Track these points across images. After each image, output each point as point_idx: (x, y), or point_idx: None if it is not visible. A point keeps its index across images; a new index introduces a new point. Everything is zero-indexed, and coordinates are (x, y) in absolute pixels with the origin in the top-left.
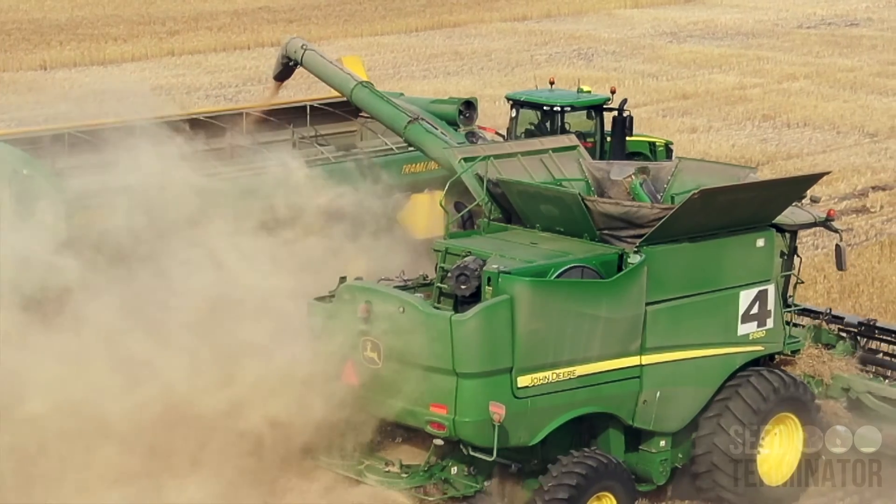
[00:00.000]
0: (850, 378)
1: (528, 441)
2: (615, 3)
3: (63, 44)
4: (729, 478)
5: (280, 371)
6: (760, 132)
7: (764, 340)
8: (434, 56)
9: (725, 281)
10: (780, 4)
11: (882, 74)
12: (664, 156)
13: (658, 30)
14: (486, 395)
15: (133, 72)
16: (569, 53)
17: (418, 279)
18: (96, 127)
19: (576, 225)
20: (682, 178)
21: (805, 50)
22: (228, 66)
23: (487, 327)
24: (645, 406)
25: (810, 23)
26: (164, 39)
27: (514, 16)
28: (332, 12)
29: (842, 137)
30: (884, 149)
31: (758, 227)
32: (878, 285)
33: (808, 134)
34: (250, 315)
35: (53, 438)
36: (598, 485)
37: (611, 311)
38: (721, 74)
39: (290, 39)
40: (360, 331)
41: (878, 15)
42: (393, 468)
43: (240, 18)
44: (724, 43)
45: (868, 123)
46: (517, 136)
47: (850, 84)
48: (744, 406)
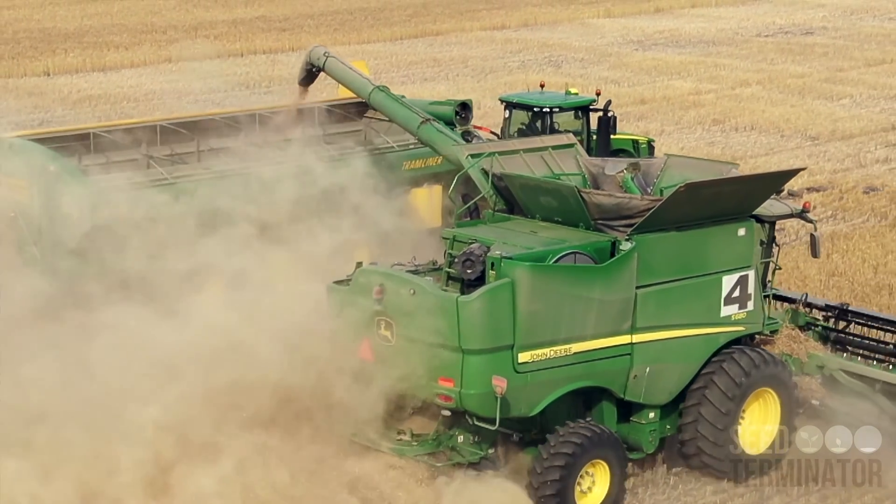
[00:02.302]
0: (824, 356)
1: (527, 412)
2: (589, 13)
3: (67, 51)
4: (713, 447)
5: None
6: (709, 136)
7: (745, 321)
8: (414, 63)
9: (709, 267)
10: (743, 14)
11: (830, 80)
12: (647, 152)
13: (626, 38)
14: (490, 369)
15: (130, 77)
16: (540, 60)
17: (428, 264)
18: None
19: (572, 215)
20: (670, 172)
21: (760, 57)
22: (221, 72)
23: (491, 308)
24: (635, 381)
25: (769, 31)
26: (163, 47)
27: (493, 25)
28: (323, 21)
29: (785, 140)
30: (823, 151)
31: (739, 218)
32: (801, 285)
33: (753, 137)
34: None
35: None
36: (592, 453)
37: (604, 294)
38: (679, 81)
39: (314, 48)
40: (375, 311)
41: (833, 24)
42: (405, 437)
43: (237, 27)
44: (686, 51)
45: (811, 127)
46: (510, 135)
47: (799, 89)
48: (726, 381)
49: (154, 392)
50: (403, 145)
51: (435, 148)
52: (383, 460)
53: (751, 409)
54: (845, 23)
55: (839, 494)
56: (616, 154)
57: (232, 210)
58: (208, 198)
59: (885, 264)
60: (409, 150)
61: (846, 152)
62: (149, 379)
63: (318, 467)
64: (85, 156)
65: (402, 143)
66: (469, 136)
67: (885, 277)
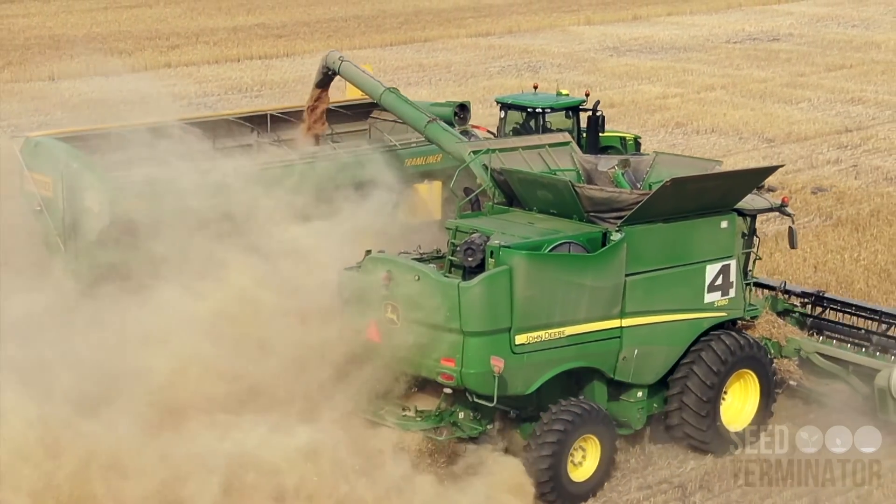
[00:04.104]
0: (801, 340)
1: (524, 390)
2: (570, 21)
3: (73, 57)
4: (697, 423)
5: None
6: (671, 138)
7: (727, 307)
8: (400, 68)
9: (694, 256)
10: (715, 21)
11: (790, 85)
12: (634, 148)
13: (602, 45)
14: (488, 350)
15: (130, 82)
16: (519, 66)
17: (432, 252)
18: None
19: (567, 208)
20: (658, 169)
21: (727, 63)
22: (217, 76)
23: (489, 293)
24: (624, 362)
25: (738, 38)
26: (165, 53)
27: (479, 32)
28: (318, 28)
29: (742, 143)
30: (777, 153)
31: (722, 211)
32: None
33: (713, 139)
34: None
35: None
36: (583, 429)
37: (595, 281)
38: (648, 85)
39: (329, 53)
40: (383, 295)
41: (800, 31)
42: (409, 413)
43: (236, 34)
44: (658, 57)
45: (768, 130)
46: (506, 134)
47: (760, 94)
48: (709, 363)
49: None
50: (405, 144)
51: (440, 145)
52: (388, 434)
53: (732, 389)
54: (811, 30)
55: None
56: (605, 150)
57: (258, 203)
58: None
59: (824, 263)
60: (410, 147)
61: (799, 154)
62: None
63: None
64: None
65: (405, 141)
66: (467, 135)
67: (824, 276)
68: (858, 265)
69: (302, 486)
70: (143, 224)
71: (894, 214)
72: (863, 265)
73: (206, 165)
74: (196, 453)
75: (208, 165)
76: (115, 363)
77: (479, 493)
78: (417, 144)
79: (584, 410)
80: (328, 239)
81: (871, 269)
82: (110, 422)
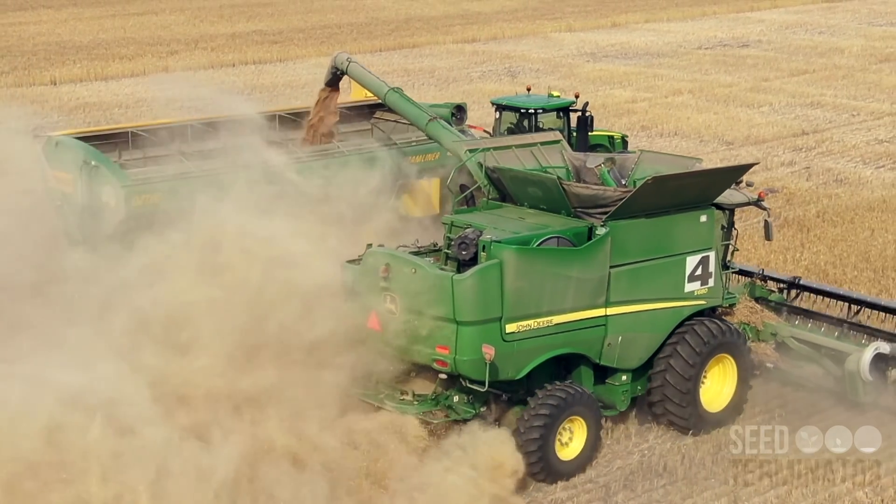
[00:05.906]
0: (777, 325)
1: (514, 375)
2: (552, 28)
3: (75, 62)
4: (677, 405)
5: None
6: (636, 141)
7: (706, 296)
8: (386, 73)
9: (675, 248)
10: (689, 28)
11: (754, 90)
12: (621, 146)
13: (581, 51)
14: (480, 338)
15: (128, 86)
16: (499, 71)
17: (429, 246)
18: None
19: (555, 203)
20: (643, 166)
21: (696, 68)
22: (210, 81)
23: (481, 285)
24: (609, 348)
25: (709, 44)
26: (163, 58)
27: (465, 38)
28: (312, 35)
29: (703, 145)
30: (735, 155)
31: (701, 206)
32: None
33: (675, 142)
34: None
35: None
36: (571, 410)
37: (581, 272)
38: (619, 90)
39: (338, 54)
40: (382, 287)
41: (769, 38)
42: (407, 397)
43: (234, 40)
44: (632, 62)
45: (728, 133)
46: (501, 134)
47: (725, 98)
48: (689, 348)
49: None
50: (406, 143)
51: (439, 142)
52: (387, 416)
53: (711, 373)
54: (779, 36)
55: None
56: (594, 148)
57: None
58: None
59: (767, 264)
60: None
61: (756, 156)
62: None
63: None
64: (124, 152)
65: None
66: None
67: None
68: (799, 266)
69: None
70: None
71: (839, 216)
72: (804, 265)
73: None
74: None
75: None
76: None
77: (469, 472)
78: (417, 144)
79: (571, 393)
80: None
81: (811, 270)
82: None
